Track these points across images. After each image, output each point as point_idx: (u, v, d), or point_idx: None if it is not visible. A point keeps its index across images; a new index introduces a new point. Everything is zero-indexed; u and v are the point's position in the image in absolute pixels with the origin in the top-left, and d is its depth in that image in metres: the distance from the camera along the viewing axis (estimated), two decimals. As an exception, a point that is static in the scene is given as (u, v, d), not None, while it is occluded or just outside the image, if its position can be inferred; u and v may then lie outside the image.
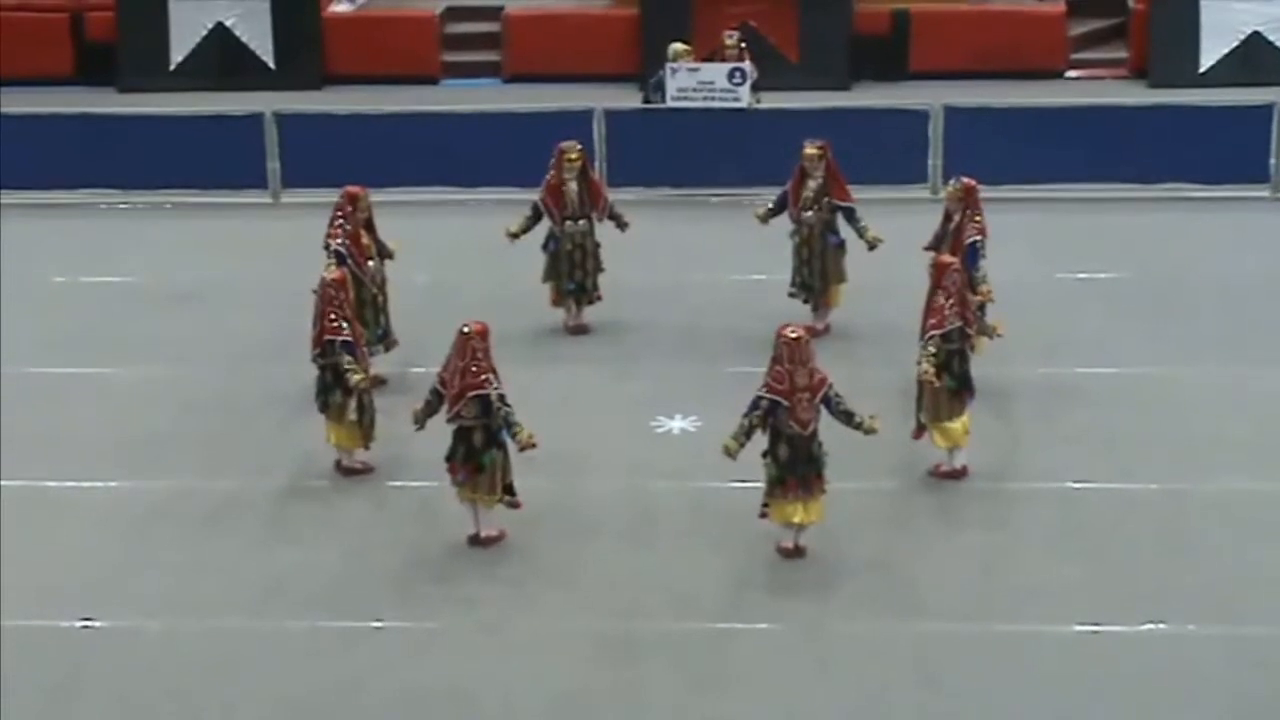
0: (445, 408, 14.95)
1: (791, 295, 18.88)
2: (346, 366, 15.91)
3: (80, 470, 16.58)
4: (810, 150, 18.59)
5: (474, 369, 14.77)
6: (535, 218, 19.04)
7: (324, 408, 16.18)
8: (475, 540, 15.16)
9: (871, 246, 18.57)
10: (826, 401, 14.64)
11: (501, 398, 14.81)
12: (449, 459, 15.04)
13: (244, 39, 28.30)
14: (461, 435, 14.95)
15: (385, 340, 18.00)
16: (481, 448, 14.92)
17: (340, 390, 16.05)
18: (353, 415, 16.12)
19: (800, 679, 13.38)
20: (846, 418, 14.74)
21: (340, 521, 15.70)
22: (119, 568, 15.06)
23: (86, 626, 14.19)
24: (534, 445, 14.78)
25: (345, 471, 16.38)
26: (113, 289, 21.01)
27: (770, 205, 19.01)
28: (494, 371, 14.84)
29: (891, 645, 13.73)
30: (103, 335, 19.65)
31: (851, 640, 13.82)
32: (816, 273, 18.78)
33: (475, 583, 14.71)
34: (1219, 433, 16.88)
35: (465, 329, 14.86)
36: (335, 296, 16.05)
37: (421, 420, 15.15)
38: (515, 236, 19.09)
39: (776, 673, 13.45)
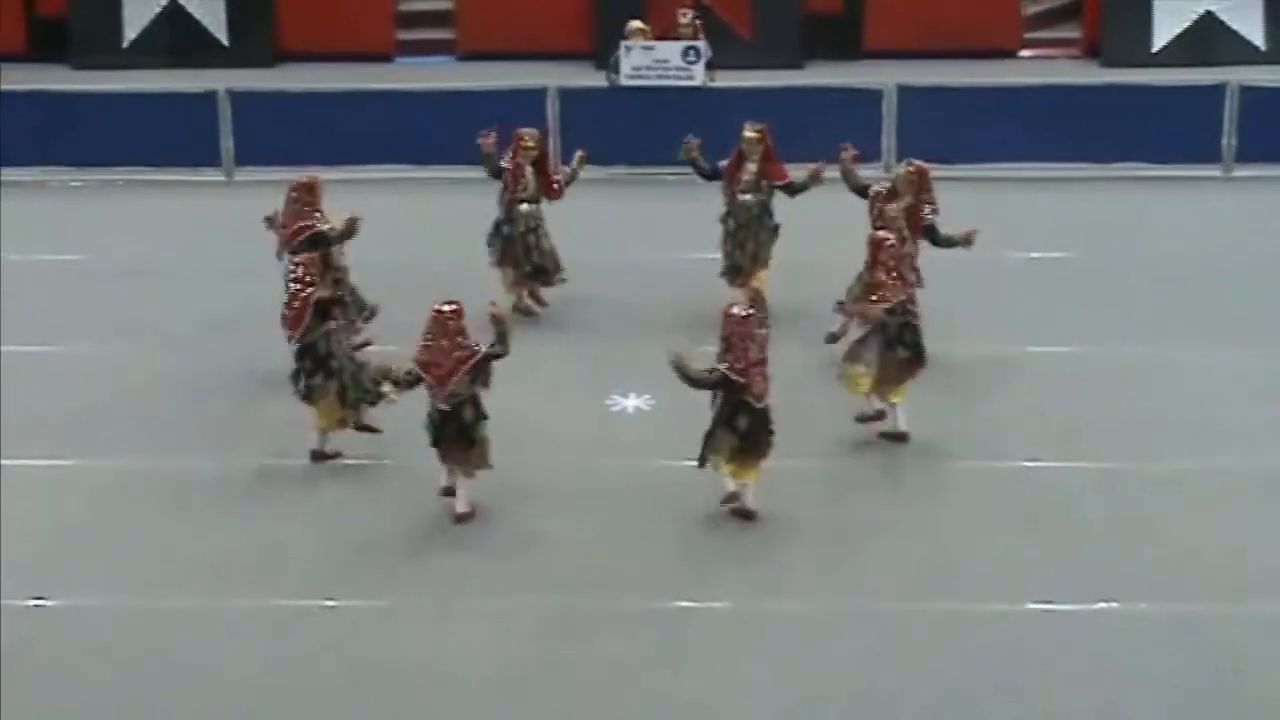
0: (433, 391, 14.94)
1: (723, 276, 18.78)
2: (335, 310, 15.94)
3: (32, 448, 16.51)
4: (750, 134, 18.45)
5: (461, 343, 14.85)
6: (496, 174, 18.83)
7: (307, 395, 15.99)
8: (462, 518, 15.15)
9: (801, 189, 18.43)
10: None
11: (491, 348, 14.91)
12: (436, 442, 15.07)
13: (197, 16, 28.20)
14: (451, 415, 14.97)
15: (363, 313, 17.84)
16: (473, 421, 14.99)
17: (321, 373, 15.94)
18: (334, 395, 16.03)
19: (751, 655, 13.43)
20: None
21: (292, 500, 15.70)
22: (72, 546, 15.03)
23: (38, 605, 14.17)
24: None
25: (317, 457, 16.19)
26: (66, 267, 20.93)
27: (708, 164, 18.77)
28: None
29: (843, 622, 13.79)
30: (56, 313, 19.59)
31: (802, 617, 13.87)
32: (748, 255, 18.69)
33: (428, 559, 14.74)
34: (1168, 411, 16.98)
35: (443, 309, 14.89)
36: (306, 275, 15.91)
37: (402, 391, 15.16)
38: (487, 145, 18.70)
39: (728, 649, 13.51)
